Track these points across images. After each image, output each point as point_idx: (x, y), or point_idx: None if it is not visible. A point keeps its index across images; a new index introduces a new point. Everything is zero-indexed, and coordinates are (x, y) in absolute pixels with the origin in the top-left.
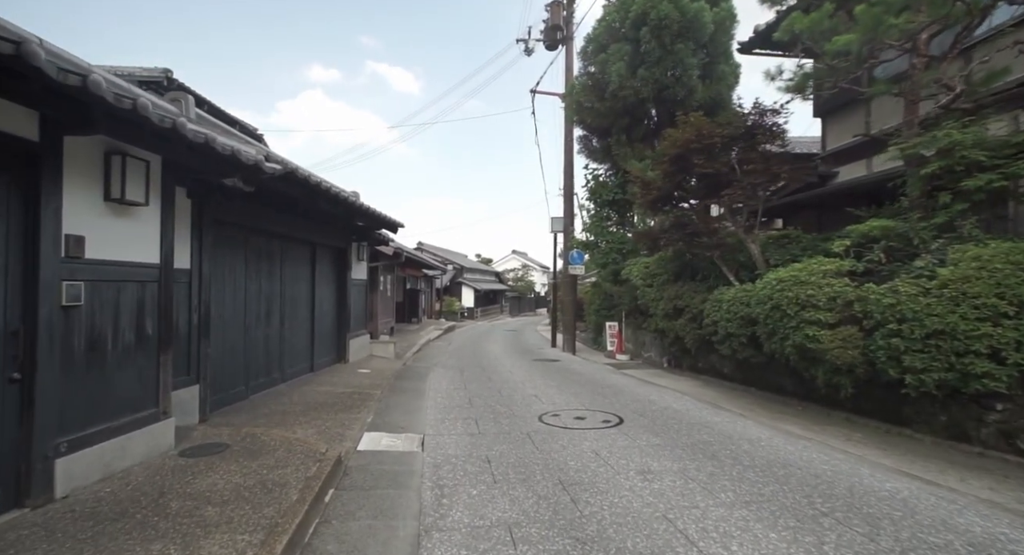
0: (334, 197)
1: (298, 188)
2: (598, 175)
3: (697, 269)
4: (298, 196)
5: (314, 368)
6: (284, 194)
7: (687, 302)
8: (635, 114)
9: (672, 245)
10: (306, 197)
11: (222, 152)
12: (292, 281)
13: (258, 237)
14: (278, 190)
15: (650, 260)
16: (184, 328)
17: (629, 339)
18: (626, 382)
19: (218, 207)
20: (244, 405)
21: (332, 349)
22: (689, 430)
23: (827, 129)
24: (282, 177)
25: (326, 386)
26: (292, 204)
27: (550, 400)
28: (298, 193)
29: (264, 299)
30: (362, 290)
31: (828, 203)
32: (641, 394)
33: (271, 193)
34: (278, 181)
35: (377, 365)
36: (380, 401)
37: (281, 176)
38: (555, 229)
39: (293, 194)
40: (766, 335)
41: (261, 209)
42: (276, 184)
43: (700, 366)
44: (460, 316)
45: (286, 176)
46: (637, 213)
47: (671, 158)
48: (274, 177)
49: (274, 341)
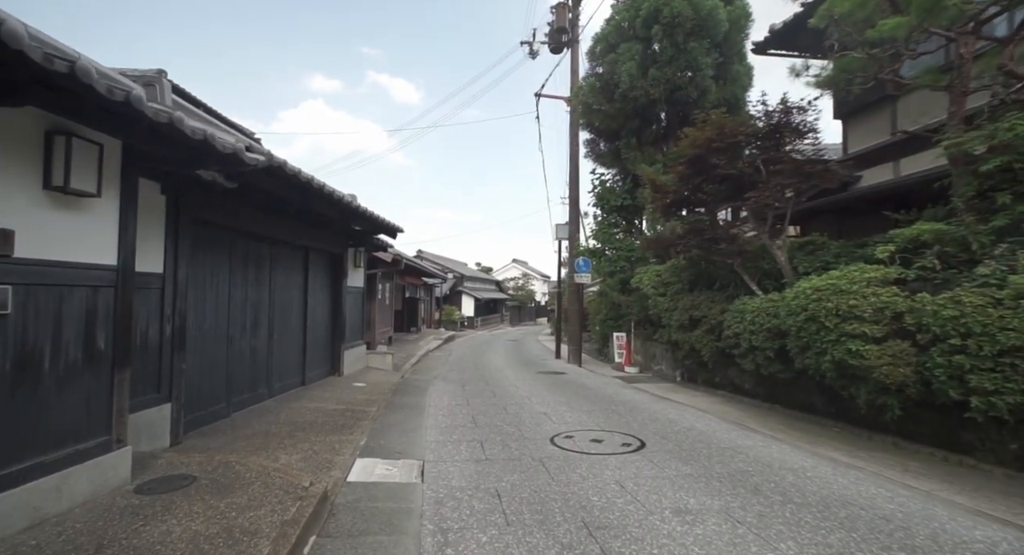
0: (327, 197)
1: (288, 186)
2: (605, 180)
3: (714, 277)
4: (289, 195)
5: (305, 382)
6: (273, 193)
7: (704, 313)
8: (645, 116)
9: (688, 252)
10: (298, 197)
11: (192, 137)
12: (283, 288)
13: (245, 240)
14: (266, 188)
15: (662, 268)
16: (155, 340)
17: (638, 351)
18: (640, 398)
19: (198, 205)
20: (224, 425)
21: (326, 361)
22: (721, 456)
23: (849, 132)
24: (267, 171)
25: (317, 402)
26: (283, 205)
27: (561, 419)
28: (289, 192)
29: (251, 307)
30: (359, 298)
31: (851, 209)
32: (658, 412)
33: (259, 192)
34: (264, 177)
35: (374, 378)
36: (375, 420)
37: (265, 169)
38: (559, 236)
39: (283, 193)
40: (798, 349)
41: (249, 209)
42: (263, 181)
43: (717, 381)
44: (460, 325)
45: (271, 169)
46: (648, 219)
47: (688, 159)
48: (258, 171)
49: (261, 353)
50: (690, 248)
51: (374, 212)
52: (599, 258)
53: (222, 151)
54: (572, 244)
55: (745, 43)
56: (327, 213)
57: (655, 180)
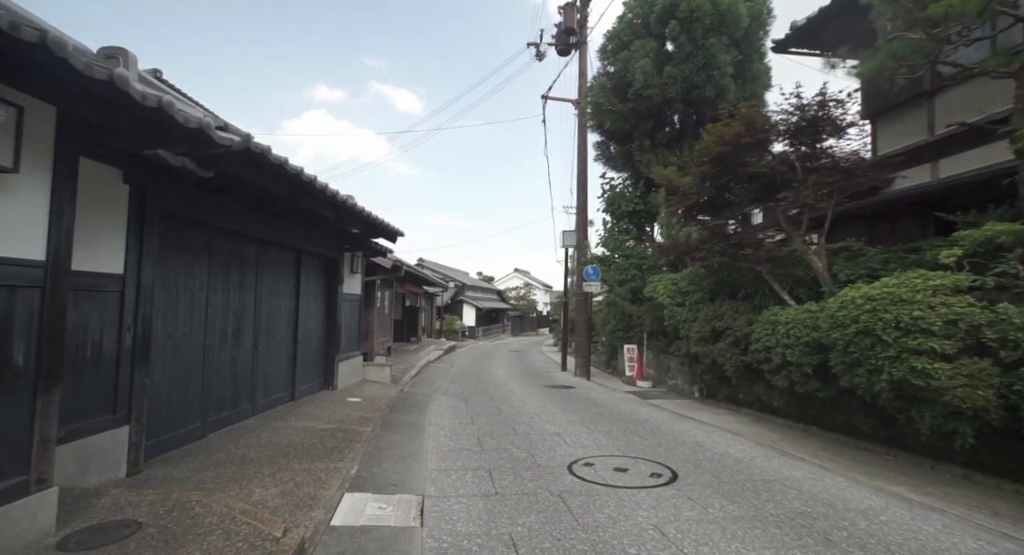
0: (319, 193)
1: (273, 178)
2: (615, 185)
3: (738, 286)
4: (276, 190)
5: (295, 396)
6: (259, 188)
7: (728, 324)
8: (660, 117)
9: (712, 258)
10: (286, 192)
11: (142, 102)
12: (271, 294)
13: (228, 240)
14: (250, 181)
15: (678, 276)
16: (110, 352)
17: (650, 364)
18: (659, 417)
19: (170, 198)
20: (197, 449)
21: (318, 373)
22: (770, 492)
23: (879, 132)
24: (248, 159)
25: (306, 420)
26: (271, 201)
27: (576, 440)
28: (275, 186)
29: (233, 314)
30: (355, 306)
31: (882, 214)
32: (683, 433)
33: (242, 185)
34: (245, 166)
35: (370, 392)
36: (370, 442)
37: (245, 156)
38: (566, 243)
39: (270, 187)
40: (845, 366)
41: (231, 206)
42: (244, 171)
43: (741, 397)
44: (461, 335)
45: (251, 156)
46: (662, 225)
47: (713, 157)
48: (238, 160)
49: (244, 365)
50: (714, 254)
51: (371, 212)
52: (608, 266)
53: (184, 125)
54: (580, 251)
55: (765, 41)
56: (320, 212)
57: (674, 181)
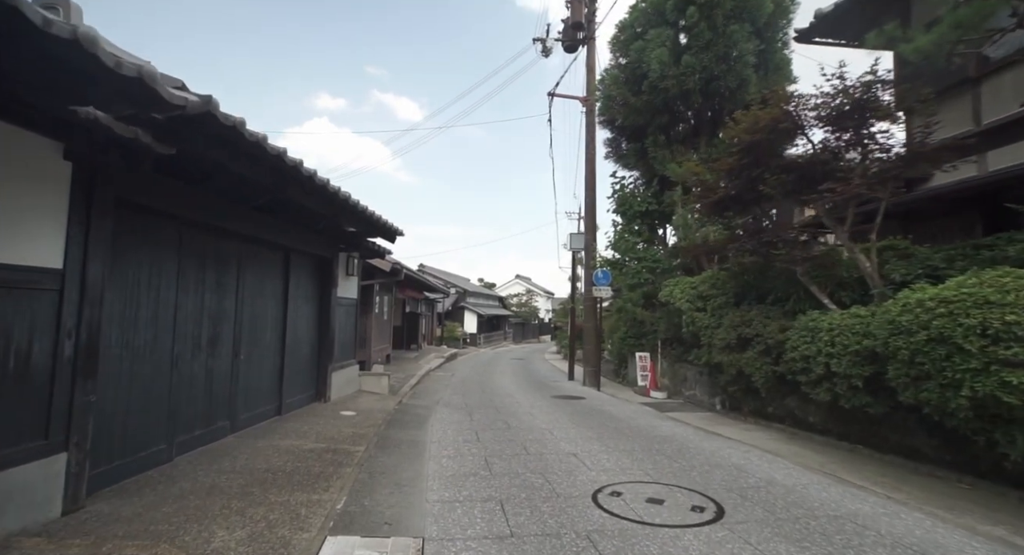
0: (307, 182)
1: (251, 161)
2: (626, 184)
3: (767, 289)
4: (258, 178)
5: (282, 410)
6: (238, 175)
7: (757, 331)
8: (676, 110)
9: (741, 258)
10: (268, 178)
11: (45, 29)
12: (255, 296)
13: (204, 235)
14: (226, 166)
15: (697, 279)
16: (42, 364)
17: (664, 373)
18: (683, 433)
19: (127, 181)
20: (159, 475)
21: (308, 384)
22: (842, 533)
23: (915, 125)
24: (216, 134)
25: (292, 439)
26: (252, 191)
27: (596, 462)
28: (256, 172)
29: (209, 319)
30: (351, 311)
31: (919, 211)
32: (714, 454)
33: (217, 171)
34: (216, 145)
35: (366, 404)
36: (362, 465)
37: (207, 123)
38: (573, 247)
39: (250, 174)
40: (908, 379)
41: (206, 196)
42: (217, 152)
43: (770, 411)
44: (463, 343)
45: (212, 124)
46: (677, 225)
47: (744, 147)
48: (197, 126)
49: (222, 377)
50: (744, 253)
51: (368, 207)
52: (619, 270)
53: (116, 71)
54: (588, 255)
55: (788, 30)
56: (311, 206)
57: (699, 175)
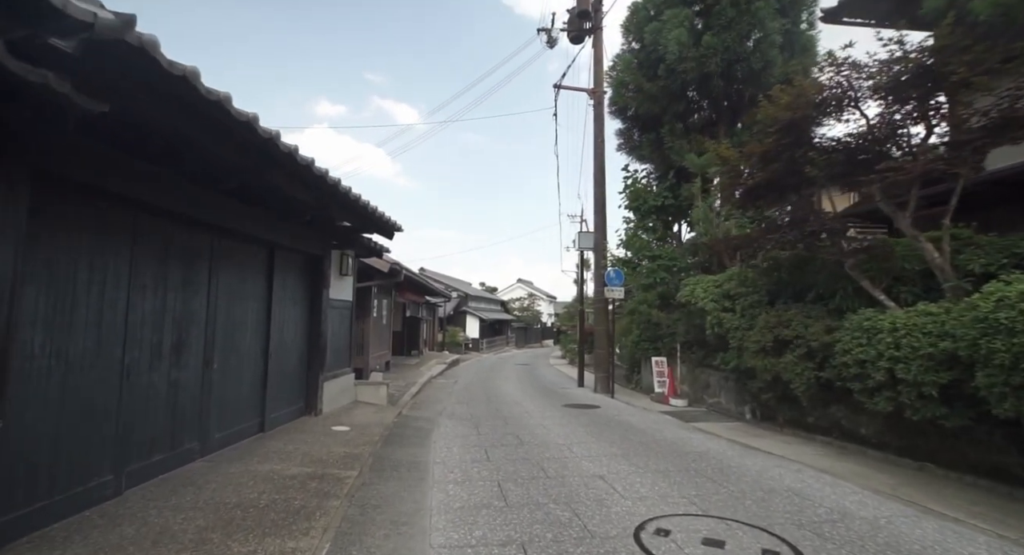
0: (287, 161)
1: (213, 130)
2: (639, 178)
3: (806, 285)
4: (225, 154)
5: (265, 427)
6: (201, 149)
7: (797, 332)
8: (694, 97)
9: (778, 251)
10: (241, 158)
11: None
12: (232, 297)
13: (166, 223)
14: (183, 134)
15: (722, 277)
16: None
17: (684, 379)
18: (717, 448)
19: (52, 150)
20: (99, 515)
21: (297, 396)
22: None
23: (1002, 87)
24: (161, 84)
25: (273, 462)
26: (222, 171)
27: (629, 487)
28: (222, 146)
29: (173, 323)
30: (346, 314)
31: (982, 196)
32: (762, 474)
33: (185, 146)
34: (162, 102)
35: (362, 417)
36: (352, 497)
37: (145, 69)
38: (583, 245)
39: (215, 148)
40: (1008, 388)
41: (166, 175)
42: (168, 115)
43: (811, 422)
44: (465, 348)
45: (143, 60)
46: (697, 219)
47: (782, 127)
48: (122, 70)
49: (190, 390)
50: (784, 245)
51: (361, 196)
52: (632, 269)
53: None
54: (598, 254)
55: (814, 9)
56: (297, 195)
57: (729, 161)
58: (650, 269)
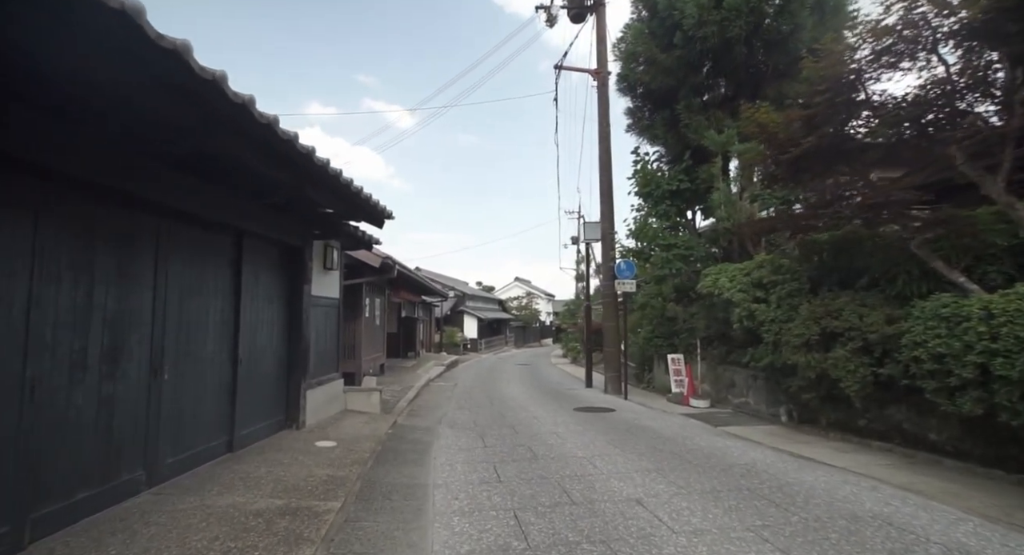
0: (247, 118)
1: (131, 65)
2: (649, 161)
3: (856, 270)
4: (161, 107)
5: (235, 446)
6: (134, 104)
7: (850, 323)
8: (714, 68)
9: (830, 230)
10: (182, 113)
11: None
12: (187, 292)
13: (90, 200)
14: (89, 74)
15: (750, 265)
16: None
17: (704, 377)
18: (764, 459)
19: None
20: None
21: (275, 408)
22: None
23: None
24: None
25: (238, 492)
26: (163, 133)
27: (678, 517)
28: (154, 95)
29: (105, 324)
30: (332, 314)
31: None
32: (833, 494)
33: (117, 102)
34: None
35: (351, 429)
36: (331, 541)
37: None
38: (588, 237)
39: (141, 99)
40: None
41: (90, 137)
42: (54, 37)
43: (863, 425)
44: (463, 348)
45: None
46: (718, 202)
47: (832, 84)
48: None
49: (130, 407)
50: (842, 221)
51: (342, 172)
52: (644, 261)
53: None
54: (606, 244)
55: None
56: (258, 165)
57: (768, 127)
58: (664, 259)
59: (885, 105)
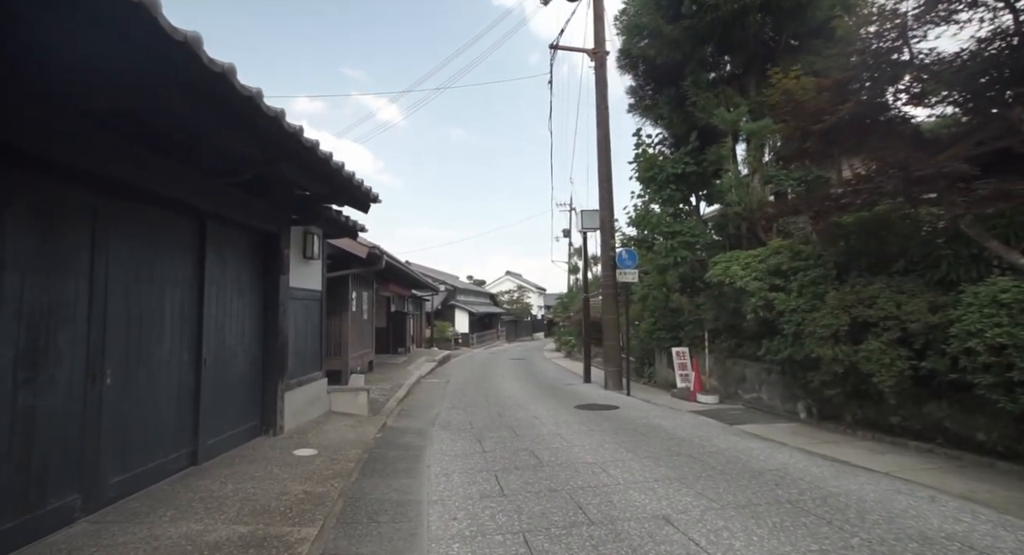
0: (199, 68)
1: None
2: (651, 144)
3: (889, 255)
4: (81, 48)
5: (200, 458)
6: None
7: (887, 311)
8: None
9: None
10: (128, 61)
11: None
12: (135, 281)
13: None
14: None
15: (766, 251)
16: None
17: (711, 372)
18: (794, 463)
19: None
20: None
21: (247, 412)
22: None
23: None
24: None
25: (192, 518)
26: (86, 87)
27: (716, 540)
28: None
29: (19, 320)
30: (314, 308)
31: None
32: (886, 506)
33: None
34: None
35: (335, 434)
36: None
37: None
38: (586, 226)
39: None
40: None
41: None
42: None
43: (895, 423)
44: (454, 343)
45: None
46: (728, 185)
47: (870, 45)
48: None
49: (61, 419)
50: (883, 196)
51: (319, 145)
52: (646, 249)
53: None
54: (605, 233)
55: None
56: (222, 137)
57: (796, 94)
58: (669, 247)
59: (932, 66)
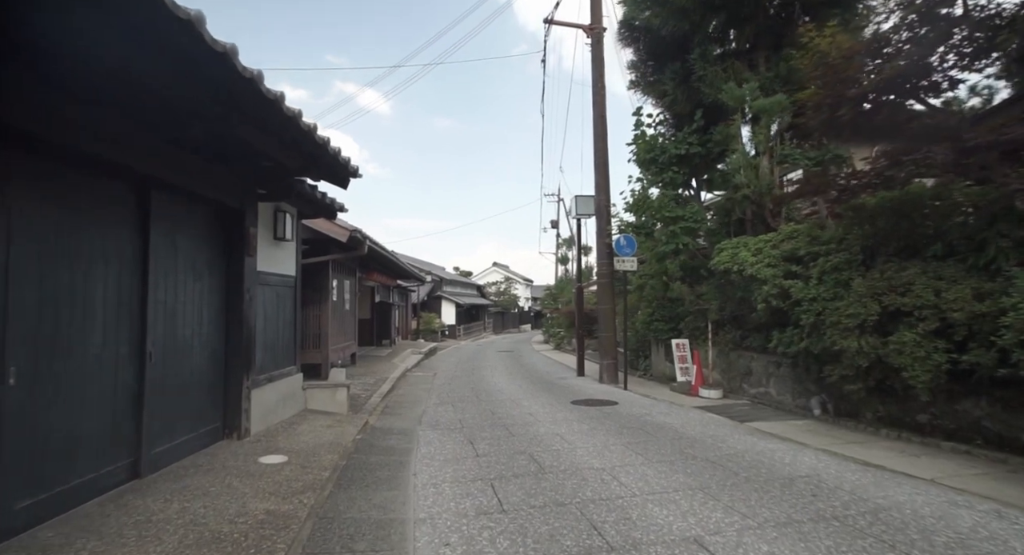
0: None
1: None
2: (650, 123)
3: (925, 238)
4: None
5: (142, 469)
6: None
7: (924, 300)
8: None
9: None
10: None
11: None
12: (49, 258)
13: None
14: None
15: (780, 236)
16: None
17: (715, 365)
18: (824, 468)
19: None
20: None
21: (207, 413)
22: None
23: None
24: None
25: (124, 550)
26: None
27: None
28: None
29: None
30: (287, 295)
31: None
32: (949, 524)
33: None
34: None
35: (309, 437)
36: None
37: None
38: (580, 212)
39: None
40: None
41: None
42: None
43: (924, 421)
44: (441, 335)
45: None
46: (735, 166)
47: None
48: None
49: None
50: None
51: (282, 98)
52: (644, 236)
53: None
54: (601, 219)
55: None
56: (156, 79)
57: (829, 56)
58: (670, 233)
59: (988, 21)
